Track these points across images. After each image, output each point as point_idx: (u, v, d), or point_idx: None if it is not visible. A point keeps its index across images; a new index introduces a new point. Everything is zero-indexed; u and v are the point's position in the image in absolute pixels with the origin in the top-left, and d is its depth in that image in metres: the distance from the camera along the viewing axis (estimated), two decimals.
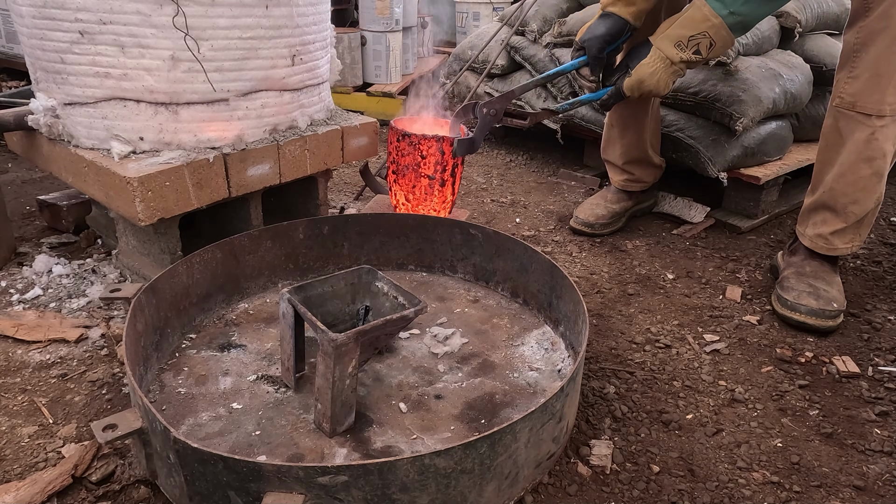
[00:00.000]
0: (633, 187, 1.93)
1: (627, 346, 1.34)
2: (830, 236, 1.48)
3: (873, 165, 1.39)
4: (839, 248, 1.48)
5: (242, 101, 1.33)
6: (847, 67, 1.39)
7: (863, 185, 1.41)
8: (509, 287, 1.41)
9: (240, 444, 0.97)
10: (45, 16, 1.21)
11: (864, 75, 1.35)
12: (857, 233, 1.48)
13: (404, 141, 1.48)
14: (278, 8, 1.30)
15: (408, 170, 1.50)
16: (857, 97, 1.37)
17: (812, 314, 1.39)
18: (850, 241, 1.48)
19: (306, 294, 1.05)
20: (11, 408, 1.08)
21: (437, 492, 0.81)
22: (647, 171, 1.92)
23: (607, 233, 1.87)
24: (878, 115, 1.36)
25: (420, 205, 1.55)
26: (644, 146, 1.87)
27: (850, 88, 1.38)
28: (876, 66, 1.34)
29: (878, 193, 1.43)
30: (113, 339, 1.26)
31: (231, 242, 1.31)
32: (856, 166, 1.41)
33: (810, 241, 1.52)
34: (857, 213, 1.44)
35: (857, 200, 1.43)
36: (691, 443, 1.07)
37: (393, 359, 1.19)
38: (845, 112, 1.40)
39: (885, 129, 1.37)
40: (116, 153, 1.26)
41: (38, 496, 0.89)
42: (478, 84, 2.41)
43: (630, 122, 1.84)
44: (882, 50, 1.32)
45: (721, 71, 1.93)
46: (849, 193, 1.43)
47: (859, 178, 1.41)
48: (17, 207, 1.87)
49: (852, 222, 1.45)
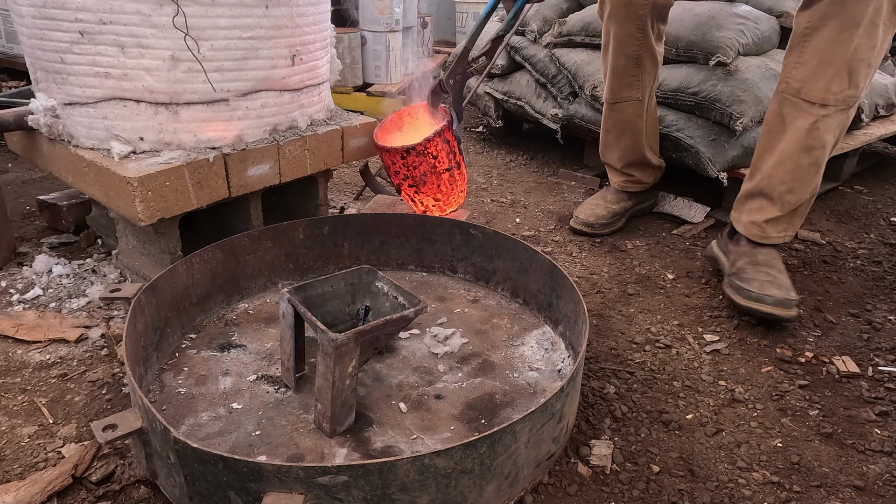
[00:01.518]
0: (632, 188, 1.92)
1: (627, 346, 1.34)
2: (765, 224, 1.47)
3: (812, 155, 1.38)
4: (772, 237, 1.47)
5: (242, 101, 1.33)
6: (796, 51, 1.36)
7: (800, 175, 1.40)
8: (509, 287, 1.41)
9: (240, 444, 0.97)
10: (45, 16, 1.21)
11: (812, 62, 1.32)
12: (790, 222, 1.47)
13: (411, 155, 1.44)
14: (278, 8, 1.30)
15: (426, 177, 1.47)
16: (804, 83, 1.34)
17: (778, 304, 1.36)
18: (783, 231, 1.47)
19: (306, 294, 1.05)
20: (11, 408, 1.08)
21: (437, 492, 0.81)
22: (646, 172, 1.91)
23: (607, 233, 1.86)
24: (822, 103, 1.33)
25: (450, 197, 1.53)
26: (641, 149, 1.86)
27: (797, 74, 1.35)
28: (824, 53, 1.30)
29: (814, 185, 1.42)
30: (113, 339, 1.26)
31: (231, 242, 1.31)
32: (795, 155, 1.39)
33: (744, 228, 1.51)
34: (792, 202, 1.43)
35: (793, 189, 1.42)
36: (691, 443, 1.07)
37: (393, 359, 1.19)
38: (790, 98, 1.38)
39: (828, 119, 1.34)
40: (116, 153, 1.26)
41: (38, 496, 0.89)
42: (478, 84, 2.41)
43: (625, 127, 1.83)
44: (832, 37, 1.29)
45: (721, 71, 1.93)
46: (786, 182, 1.42)
47: (798, 167, 1.40)
48: (17, 207, 1.87)
49: (787, 211, 1.45)
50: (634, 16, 1.66)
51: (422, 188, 1.50)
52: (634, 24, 1.67)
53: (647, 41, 1.70)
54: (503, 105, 2.60)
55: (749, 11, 2.08)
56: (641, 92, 1.77)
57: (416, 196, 1.53)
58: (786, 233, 1.48)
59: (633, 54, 1.71)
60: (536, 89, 2.44)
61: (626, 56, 1.72)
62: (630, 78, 1.75)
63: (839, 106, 1.33)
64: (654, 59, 1.75)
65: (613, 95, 1.80)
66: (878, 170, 2.55)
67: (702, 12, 2.03)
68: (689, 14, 2.05)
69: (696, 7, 2.08)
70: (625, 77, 1.76)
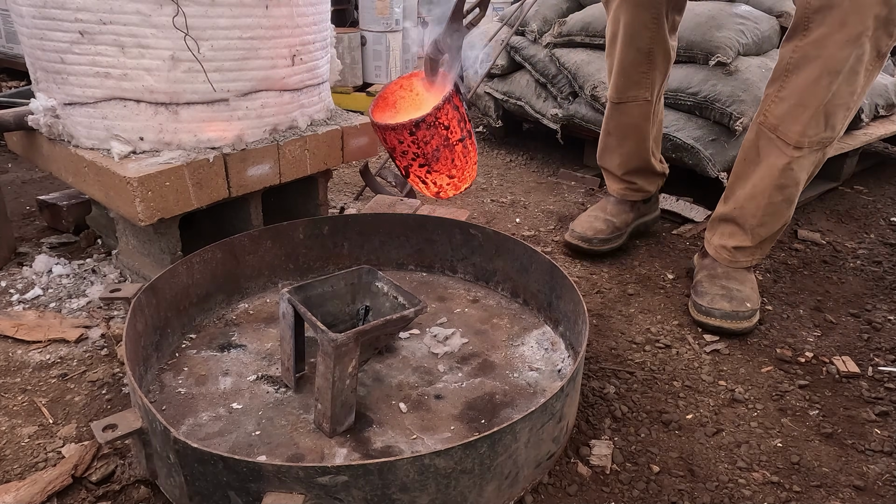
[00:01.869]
0: (633, 196, 1.77)
1: (627, 346, 1.34)
2: (734, 250, 1.46)
3: (785, 193, 1.37)
4: (740, 262, 1.47)
5: (242, 101, 1.33)
6: (777, 84, 1.32)
7: (772, 211, 1.39)
8: (509, 287, 1.41)
9: (240, 444, 0.97)
10: (45, 16, 1.21)
11: (790, 100, 1.30)
12: (760, 249, 1.46)
13: (421, 129, 1.25)
14: (278, 8, 1.30)
15: (439, 151, 1.30)
16: (781, 122, 1.32)
17: (726, 317, 1.36)
18: (751, 256, 1.47)
19: (306, 294, 1.05)
20: (11, 408, 1.08)
21: (437, 492, 0.81)
22: (648, 179, 1.77)
23: (606, 250, 1.70)
24: (797, 146, 1.31)
25: (465, 171, 1.38)
26: (645, 155, 1.71)
27: (776, 110, 1.32)
28: (802, 95, 1.28)
29: (785, 217, 1.42)
30: (113, 339, 1.26)
31: (231, 242, 1.31)
32: (768, 192, 1.38)
33: (714, 251, 1.50)
34: (763, 234, 1.43)
35: (764, 223, 1.41)
36: (691, 443, 1.07)
37: (393, 359, 1.19)
38: (766, 133, 1.35)
39: (802, 160, 1.33)
40: (116, 153, 1.26)
41: (38, 496, 0.89)
42: (478, 84, 2.41)
43: (630, 130, 1.68)
44: (810, 80, 1.25)
45: (721, 71, 1.93)
46: (757, 216, 1.41)
47: (770, 203, 1.39)
48: (17, 207, 1.87)
49: (757, 242, 1.44)
50: (650, 2, 1.50)
51: (434, 166, 1.32)
52: (649, 13, 1.51)
53: (660, 33, 1.54)
54: (503, 105, 2.60)
55: (749, 11, 2.08)
56: (651, 91, 1.61)
57: (428, 177, 1.35)
58: (753, 257, 1.47)
59: (645, 48, 1.55)
60: (536, 89, 2.44)
61: (636, 49, 1.56)
62: (640, 75, 1.59)
63: (814, 147, 1.32)
64: (667, 55, 1.59)
65: (619, 94, 1.64)
66: (878, 170, 2.55)
67: (702, 12, 2.03)
68: (689, 14, 2.04)
69: (696, 7, 2.08)
70: (634, 74, 1.59)
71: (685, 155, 1.94)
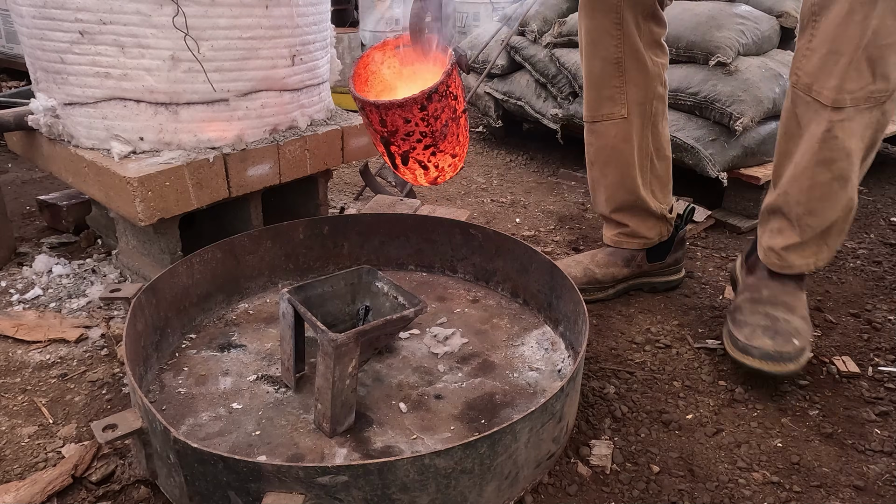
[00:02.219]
0: (628, 244, 1.48)
1: (627, 346, 1.34)
2: (783, 251, 1.21)
3: (833, 169, 1.11)
4: (795, 266, 1.21)
5: (242, 101, 1.33)
6: (806, 34, 1.09)
7: (821, 193, 1.14)
8: (509, 287, 1.41)
9: (240, 444, 0.97)
10: (45, 16, 1.21)
11: (821, 49, 1.06)
12: (821, 246, 1.19)
13: (433, 101, 1.05)
14: (278, 8, 1.30)
15: (447, 126, 1.11)
16: (815, 78, 1.09)
17: (767, 358, 1.12)
18: (813, 257, 1.20)
19: (306, 294, 1.05)
20: (11, 408, 1.08)
21: (437, 492, 0.81)
22: (644, 221, 1.46)
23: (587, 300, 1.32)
24: (836, 105, 1.07)
25: (465, 148, 1.20)
26: (632, 185, 1.42)
27: (808, 65, 1.09)
28: (833, 39, 1.04)
29: (843, 201, 1.14)
30: (113, 339, 1.26)
31: (231, 242, 1.31)
32: (810, 170, 1.13)
33: (763, 254, 1.25)
34: (815, 226, 1.17)
35: (813, 211, 1.16)
36: (691, 443, 1.07)
37: (393, 359, 1.19)
38: (801, 95, 1.12)
39: (847, 124, 1.07)
40: (116, 153, 1.26)
41: (38, 496, 0.89)
42: (478, 84, 2.41)
43: (610, 155, 1.42)
44: (841, 17, 1.02)
45: (721, 71, 1.93)
46: (802, 202, 1.16)
47: (816, 184, 1.13)
48: (17, 207, 1.87)
49: (809, 237, 1.18)
50: (606, 6, 1.32)
51: (441, 145, 1.13)
52: (608, 17, 1.32)
53: (628, 40, 1.33)
54: (503, 105, 2.60)
55: (749, 11, 2.08)
56: (627, 108, 1.38)
57: (431, 159, 1.15)
58: (816, 258, 1.20)
59: (612, 57, 1.35)
60: (536, 89, 2.44)
61: (601, 59, 1.36)
62: (611, 89, 1.37)
63: (861, 105, 1.06)
64: (643, 68, 1.36)
65: (591, 112, 1.41)
66: (878, 170, 2.55)
67: (702, 12, 2.03)
68: (688, 14, 2.05)
69: (696, 7, 2.08)
70: (603, 88, 1.38)
71: (685, 155, 1.94)
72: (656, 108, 1.41)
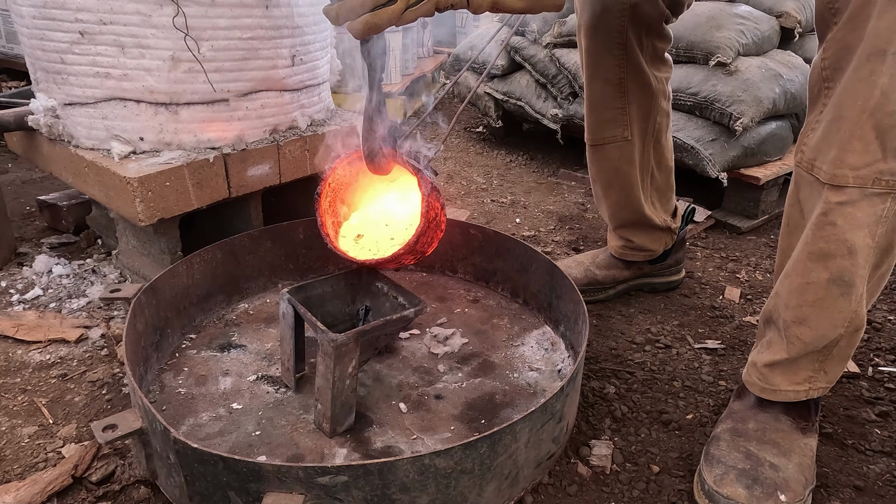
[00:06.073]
0: (633, 256, 1.46)
1: (627, 346, 1.34)
2: (766, 369, 0.98)
3: (830, 267, 0.87)
4: (780, 390, 0.97)
5: (242, 102, 1.33)
6: (816, 108, 0.89)
7: (814, 298, 0.89)
8: (509, 287, 1.41)
9: (240, 444, 0.97)
10: (46, 16, 1.21)
11: (827, 117, 0.85)
12: (816, 371, 0.95)
13: (420, 242, 1.04)
14: (278, 8, 1.30)
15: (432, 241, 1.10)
16: (817, 153, 0.87)
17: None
18: (806, 384, 0.96)
19: (306, 294, 1.05)
20: (11, 408, 1.08)
21: (437, 492, 0.81)
22: (648, 235, 1.44)
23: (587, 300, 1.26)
24: (833, 183, 0.84)
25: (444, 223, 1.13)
26: (637, 205, 1.39)
27: (812, 138, 0.88)
28: (839, 104, 0.83)
29: (845, 314, 0.89)
30: (113, 339, 1.26)
31: (231, 242, 1.31)
32: (802, 264, 0.90)
33: (745, 371, 1.04)
34: (808, 341, 0.92)
35: (804, 320, 0.91)
36: (691, 443, 1.07)
37: (393, 359, 1.19)
38: (805, 175, 0.90)
39: (850, 210, 0.83)
40: (116, 153, 1.26)
41: (38, 496, 0.89)
42: (478, 84, 2.41)
43: (613, 177, 1.38)
44: (848, 77, 0.82)
45: (721, 71, 1.93)
46: (792, 306, 0.92)
47: (808, 284, 0.90)
48: (17, 207, 1.87)
49: (800, 354, 0.94)
50: (608, 26, 1.25)
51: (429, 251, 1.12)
52: (611, 37, 1.25)
53: (632, 61, 1.27)
54: (503, 105, 2.60)
55: (749, 11, 2.08)
56: (630, 129, 1.32)
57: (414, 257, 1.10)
58: (806, 388, 0.96)
59: (614, 78, 1.29)
60: (536, 89, 2.44)
61: (603, 80, 1.30)
62: (613, 111, 1.32)
63: (868, 187, 0.82)
64: (646, 86, 1.30)
65: (594, 135, 1.36)
66: None
67: (702, 12, 2.03)
68: (688, 14, 2.04)
69: (696, 7, 2.08)
70: (605, 110, 1.32)
71: (685, 155, 1.94)
72: (660, 123, 1.36)
